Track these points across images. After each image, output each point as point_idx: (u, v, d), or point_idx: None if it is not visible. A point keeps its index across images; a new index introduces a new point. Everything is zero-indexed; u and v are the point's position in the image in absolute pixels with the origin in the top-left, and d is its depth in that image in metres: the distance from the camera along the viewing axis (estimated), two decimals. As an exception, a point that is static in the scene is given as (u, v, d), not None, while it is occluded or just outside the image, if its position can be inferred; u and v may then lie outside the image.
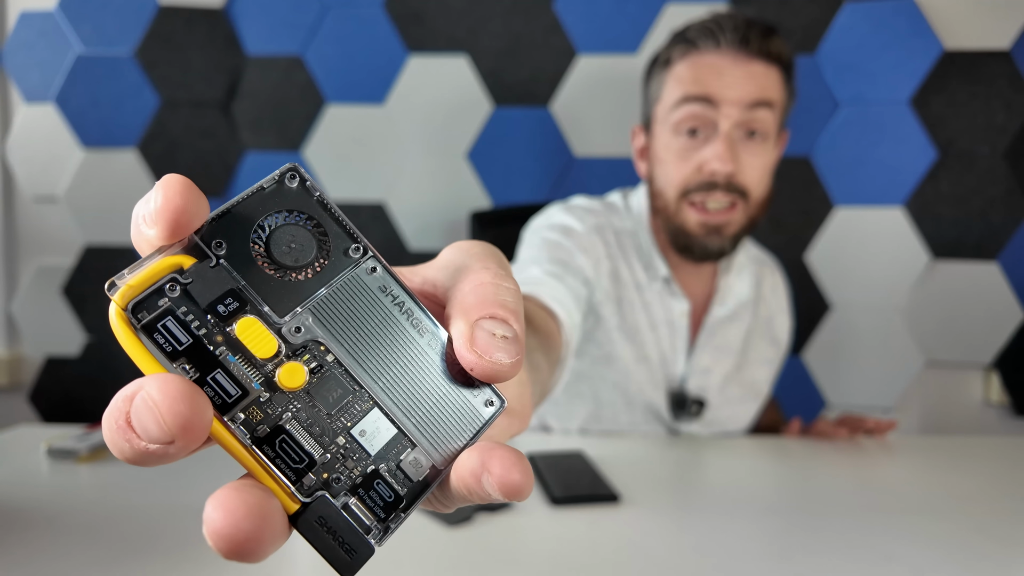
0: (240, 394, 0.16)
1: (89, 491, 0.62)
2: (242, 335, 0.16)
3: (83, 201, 1.36)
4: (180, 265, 0.16)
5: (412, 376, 0.18)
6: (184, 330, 0.16)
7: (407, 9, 1.34)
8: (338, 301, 0.18)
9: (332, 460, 0.17)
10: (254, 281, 0.17)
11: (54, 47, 1.34)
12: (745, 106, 0.78)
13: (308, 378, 0.17)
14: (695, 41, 0.81)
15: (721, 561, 0.50)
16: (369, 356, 0.18)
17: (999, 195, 1.30)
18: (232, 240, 0.17)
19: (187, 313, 0.16)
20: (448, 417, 0.19)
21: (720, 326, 0.91)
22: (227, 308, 0.16)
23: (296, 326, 0.17)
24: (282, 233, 0.18)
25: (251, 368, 0.16)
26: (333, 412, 0.17)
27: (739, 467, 0.73)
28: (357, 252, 0.19)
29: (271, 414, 0.16)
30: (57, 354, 1.39)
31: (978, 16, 1.29)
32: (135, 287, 0.16)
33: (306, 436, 0.17)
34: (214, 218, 0.17)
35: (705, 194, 0.80)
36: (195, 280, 0.16)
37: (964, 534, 0.56)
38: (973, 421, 1.36)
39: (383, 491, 0.17)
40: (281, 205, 0.18)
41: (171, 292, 0.16)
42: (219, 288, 0.17)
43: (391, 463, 0.18)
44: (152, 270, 0.16)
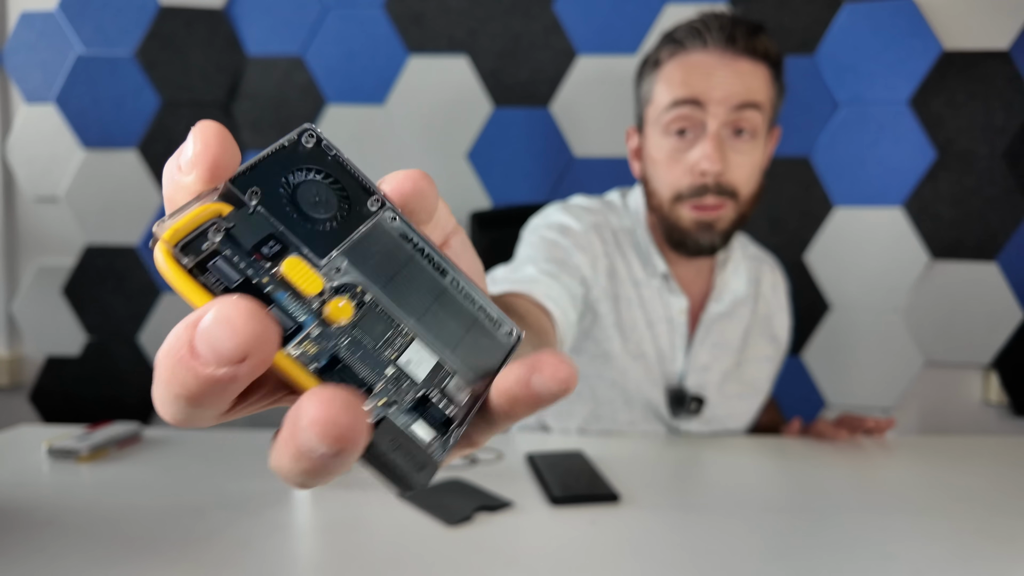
0: (295, 327, 0.17)
1: (90, 491, 0.63)
2: (289, 273, 0.17)
3: (84, 201, 1.36)
4: (219, 212, 0.17)
5: (440, 311, 0.20)
6: (234, 268, 0.16)
7: (407, 10, 1.34)
8: (367, 246, 0.19)
9: (385, 388, 0.18)
10: (291, 226, 0.18)
11: (55, 47, 1.34)
12: (732, 107, 0.80)
13: (356, 312, 0.18)
14: (683, 41, 0.82)
15: (721, 561, 0.50)
16: (401, 294, 0.19)
17: (998, 195, 1.30)
18: (264, 190, 0.18)
19: (234, 254, 0.16)
20: (477, 347, 0.20)
21: (717, 323, 0.92)
22: (271, 250, 0.17)
23: (335, 267, 0.18)
24: (306, 187, 0.19)
25: (301, 304, 0.17)
26: (379, 345, 0.18)
27: (739, 467, 0.73)
28: (376, 204, 0.20)
29: (325, 347, 0.17)
30: (58, 354, 1.39)
31: (977, 16, 1.29)
32: (180, 229, 0.16)
33: (360, 366, 0.17)
34: (244, 171, 0.18)
35: (697, 199, 0.82)
36: (237, 224, 0.17)
37: (963, 534, 0.56)
38: (972, 421, 1.36)
39: (435, 413, 0.18)
40: (300, 163, 0.19)
41: (215, 235, 0.16)
42: (261, 231, 0.17)
43: (437, 388, 0.19)
44: (194, 214, 0.16)
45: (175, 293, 1.36)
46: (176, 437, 0.81)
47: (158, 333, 1.38)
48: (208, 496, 0.62)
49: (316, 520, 0.57)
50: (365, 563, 0.49)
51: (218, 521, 0.56)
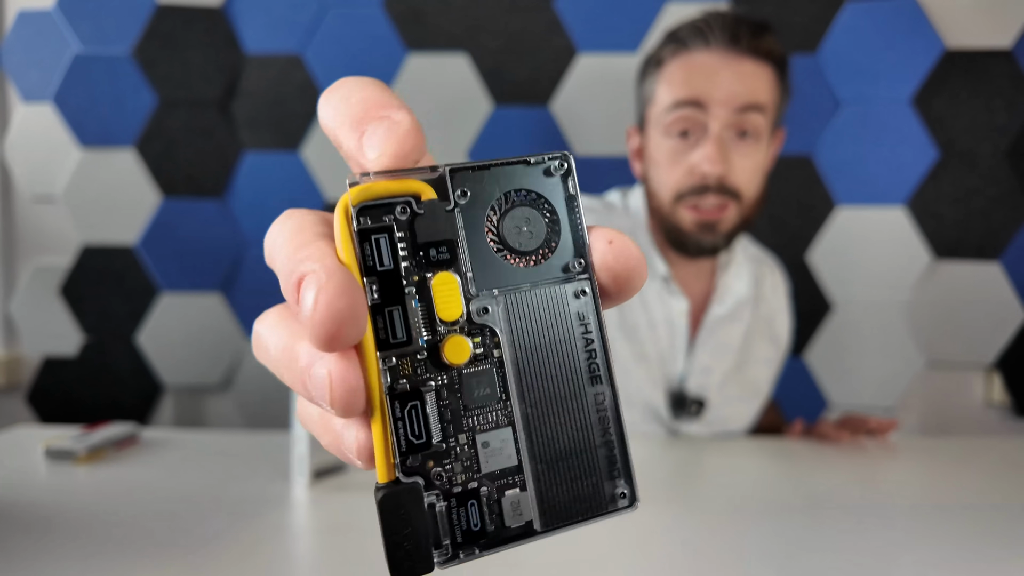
0: (404, 340, 0.16)
1: (87, 492, 0.62)
2: (436, 287, 0.16)
3: (81, 201, 1.36)
4: (421, 192, 0.16)
5: (561, 422, 0.17)
6: (391, 254, 0.16)
7: (406, 8, 1.33)
8: (533, 304, 0.17)
9: (444, 453, 0.16)
10: (473, 243, 0.17)
11: (52, 46, 1.34)
12: (734, 109, 0.78)
13: (469, 360, 0.16)
14: (685, 41, 0.81)
15: (722, 562, 0.50)
16: (532, 375, 0.17)
17: (1001, 195, 1.30)
18: (475, 196, 0.17)
19: (401, 239, 0.16)
20: (573, 484, 0.17)
21: (719, 325, 0.91)
22: (438, 255, 0.16)
23: (484, 306, 0.17)
24: (522, 212, 0.17)
25: (427, 322, 0.16)
26: (470, 408, 0.16)
27: (740, 468, 0.73)
28: (577, 267, 0.18)
29: (418, 375, 0.16)
30: (55, 354, 1.38)
31: (979, 15, 1.28)
32: (373, 191, 0.16)
33: (435, 416, 0.16)
34: (470, 167, 0.17)
35: (697, 198, 0.81)
36: (427, 213, 0.16)
37: (966, 535, 0.55)
38: (974, 422, 1.36)
39: (472, 516, 0.16)
40: (535, 187, 0.17)
41: (401, 213, 0.16)
42: (442, 232, 0.16)
43: (494, 491, 0.16)
44: (397, 184, 0.16)
45: (171, 293, 1.35)
46: (174, 438, 0.81)
47: (156, 333, 1.37)
48: (206, 497, 0.61)
49: (315, 522, 0.57)
50: (364, 565, 0.49)
51: (216, 523, 0.55)
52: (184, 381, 1.38)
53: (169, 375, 1.38)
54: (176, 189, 1.36)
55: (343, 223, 0.15)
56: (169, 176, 1.35)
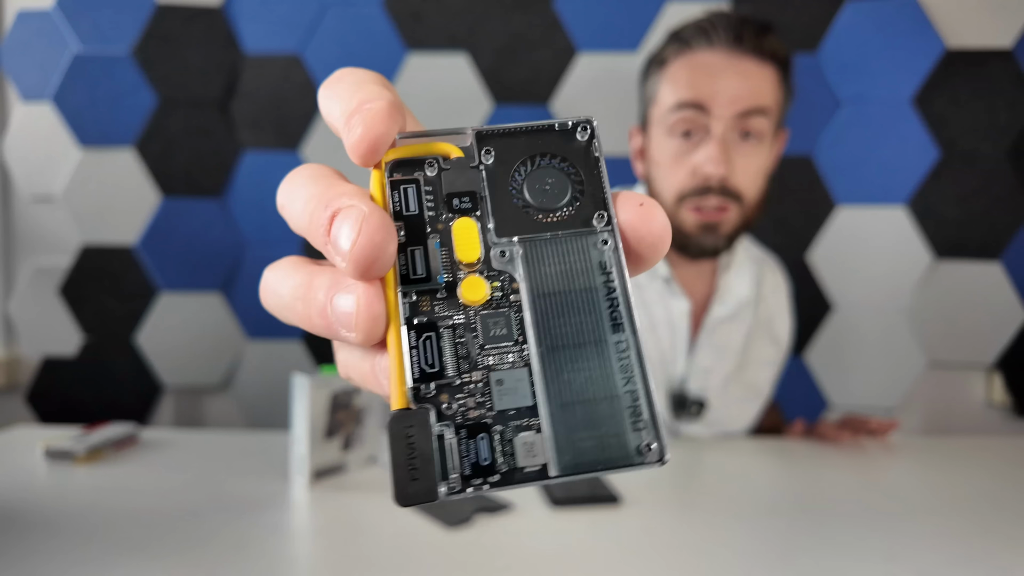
0: (424, 276, 0.17)
1: (87, 492, 0.62)
2: (456, 231, 0.17)
3: (80, 201, 1.36)
4: (449, 153, 0.18)
5: (579, 362, 0.16)
6: (417, 201, 0.17)
7: (406, 7, 1.33)
8: (554, 252, 0.17)
9: (458, 387, 0.16)
10: (496, 196, 0.18)
11: (51, 46, 1.33)
12: (737, 112, 0.78)
13: (486, 300, 0.17)
14: (689, 40, 0.81)
15: (722, 564, 0.50)
16: (550, 319, 0.17)
17: (1002, 195, 1.30)
18: (500, 156, 0.18)
19: (428, 191, 0.17)
20: (593, 432, 0.16)
21: (720, 326, 0.91)
22: (461, 203, 0.17)
23: (503, 250, 0.17)
24: (545, 172, 0.18)
25: (447, 264, 0.17)
26: (486, 346, 0.16)
27: (740, 469, 0.73)
28: (601, 220, 0.18)
29: (437, 312, 0.17)
30: (54, 354, 1.38)
31: (980, 15, 1.28)
32: (406, 151, 0.17)
33: (450, 349, 0.16)
34: (498, 131, 0.18)
35: (699, 199, 0.81)
36: (453, 169, 0.18)
37: (967, 535, 0.55)
38: (975, 422, 1.35)
39: (482, 449, 0.16)
40: (559, 150, 0.18)
41: (429, 169, 0.18)
42: (465, 185, 0.18)
43: (506, 429, 0.16)
44: (428, 146, 0.18)
45: (171, 293, 1.35)
46: (174, 438, 0.81)
47: (155, 333, 1.37)
48: (206, 497, 0.61)
49: (314, 522, 0.56)
50: (364, 565, 0.49)
51: (215, 523, 0.55)
52: (184, 381, 1.38)
53: (168, 375, 1.38)
54: (176, 189, 1.36)
55: (378, 176, 0.17)
56: (169, 176, 1.35)
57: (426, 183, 0.17)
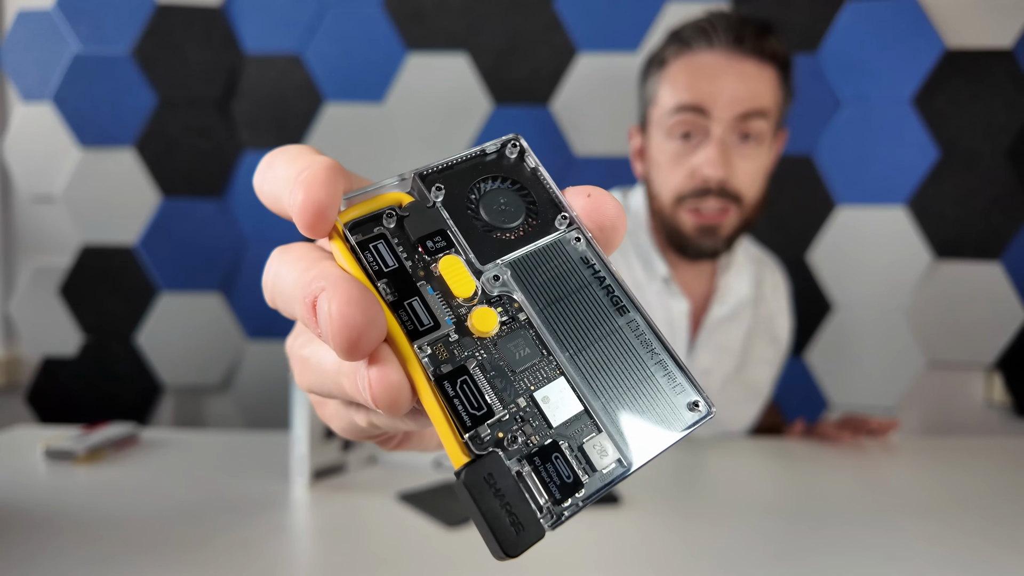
0: (432, 325, 0.16)
1: (86, 492, 0.62)
2: (444, 271, 0.17)
3: (80, 201, 1.36)
4: (400, 201, 0.17)
5: (605, 355, 0.17)
6: (392, 255, 0.17)
7: (406, 7, 1.33)
8: (538, 262, 0.18)
9: (510, 420, 0.16)
10: (463, 228, 0.18)
11: (51, 46, 1.33)
12: (737, 114, 0.78)
13: (499, 327, 0.17)
14: (689, 41, 0.80)
15: (722, 563, 0.50)
16: (561, 324, 0.17)
17: (1001, 195, 1.30)
18: (450, 190, 0.18)
19: (398, 242, 0.17)
20: (645, 411, 0.17)
21: (720, 326, 0.91)
22: (434, 244, 0.17)
23: (495, 275, 0.17)
24: (495, 194, 0.19)
25: (446, 305, 0.17)
26: (517, 371, 0.16)
27: (741, 469, 0.73)
28: (564, 222, 0.19)
29: (457, 355, 0.16)
30: (54, 354, 1.38)
31: (980, 15, 1.28)
32: (358, 210, 0.17)
33: (487, 386, 0.16)
34: (436, 168, 0.18)
35: (698, 200, 0.81)
36: (411, 214, 0.17)
37: (966, 535, 0.55)
38: (975, 422, 1.36)
39: (562, 469, 0.15)
40: (498, 172, 0.19)
41: (388, 221, 0.17)
42: (431, 226, 0.17)
43: (571, 441, 0.16)
44: (376, 200, 0.17)
45: (171, 293, 1.35)
46: (174, 438, 0.81)
47: (155, 333, 1.37)
48: (206, 498, 0.61)
49: (315, 522, 0.56)
50: (364, 565, 0.49)
51: (216, 523, 0.55)
52: (184, 381, 1.38)
53: (169, 375, 1.38)
54: (176, 189, 1.36)
55: (340, 244, 0.16)
56: (169, 176, 1.35)
57: (392, 235, 0.17)
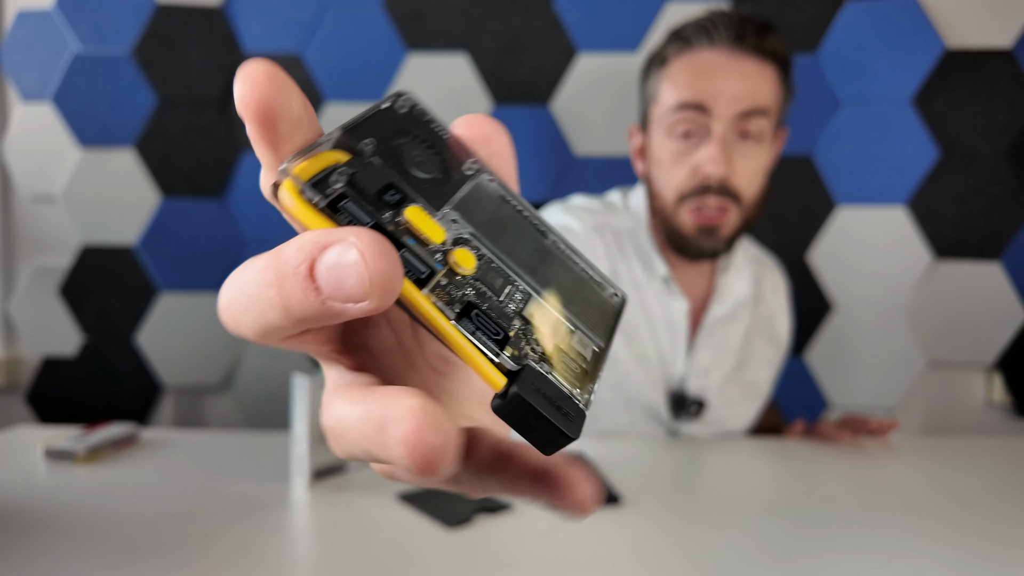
0: (428, 272, 0.16)
1: (87, 492, 0.62)
2: (413, 220, 0.17)
3: (80, 201, 1.36)
4: (337, 159, 0.17)
5: (549, 270, 0.20)
6: (363, 211, 0.16)
7: (406, 7, 1.33)
8: (474, 204, 0.19)
9: (517, 338, 0.17)
10: (406, 178, 0.18)
11: (51, 46, 1.33)
12: (738, 113, 0.78)
13: (477, 263, 0.18)
14: (690, 39, 0.81)
15: (723, 563, 0.50)
16: (510, 252, 0.19)
17: (1002, 194, 1.30)
18: (378, 144, 0.18)
19: (360, 197, 0.16)
20: (589, 306, 0.20)
21: (719, 325, 0.91)
22: (392, 197, 0.17)
23: (451, 219, 0.18)
24: (408, 148, 0.19)
25: (428, 251, 0.17)
26: (502, 298, 0.18)
27: (741, 469, 0.73)
28: (473, 167, 0.20)
29: (456, 295, 0.17)
30: (54, 354, 1.38)
31: (980, 14, 1.28)
32: (307, 169, 0.16)
33: (493, 314, 0.17)
34: (353, 124, 0.18)
35: (699, 199, 0.81)
36: (359, 171, 0.17)
37: (967, 535, 0.55)
38: (975, 422, 1.36)
39: (570, 363, 0.18)
40: (400, 124, 0.19)
41: (338, 180, 0.16)
42: (381, 179, 0.17)
43: (562, 343, 0.18)
44: (318, 158, 0.16)
45: (171, 293, 1.34)
46: (174, 438, 0.81)
47: (155, 333, 1.37)
48: (206, 498, 0.61)
49: (315, 522, 0.56)
50: (364, 565, 0.49)
51: (216, 523, 0.55)
52: (184, 381, 1.38)
53: (169, 375, 1.38)
54: (176, 189, 1.36)
55: (305, 208, 0.15)
56: (169, 176, 1.35)
57: (350, 191, 0.16)
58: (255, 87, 0.15)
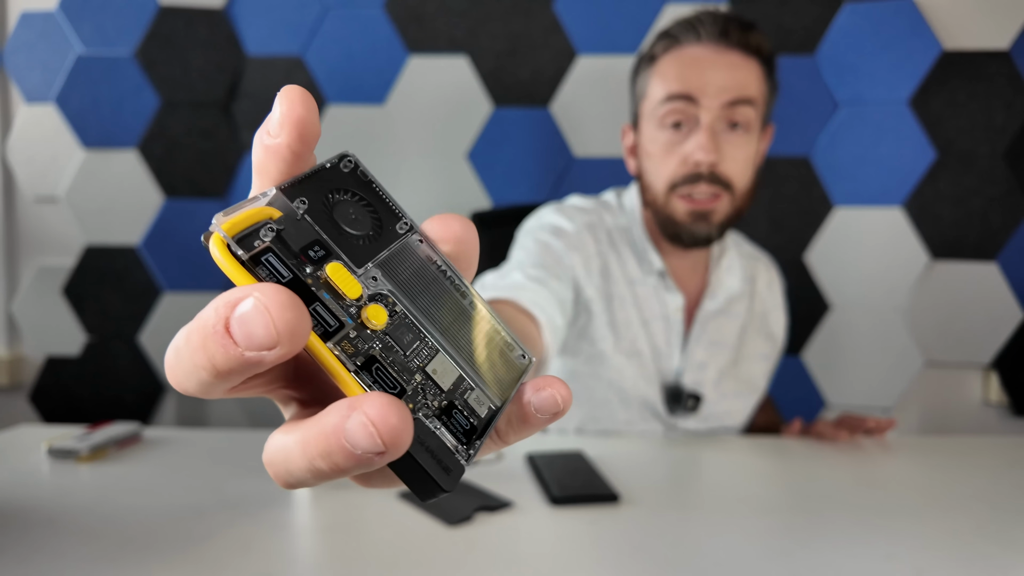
0: (338, 325, 0.18)
1: (89, 491, 0.63)
2: (333, 276, 0.18)
3: (83, 201, 1.36)
4: (270, 215, 0.18)
5: (461, 329, 0.21)
6: (284, 266, 0.17)
7: (407, 10, 1.34)
8: (398, 263, 0.21)
9: (414, 393, 0.19)
10: (332, 236, 0.19)
11: (55, 47, 1.34)
12: (725, 102, 0.81)
13: (389, 320, 0.19)
14: (677, 36, 0.84)
15: (721, 561, 0.50)
16: (427, 309, 0.20)
17: (998, 195, 1.30)
18: (311, 202, 0.19)
19: (283, 253, 0.18)
20: (494, 365, 0.21)
21: (713, 320, 0.92)
22: (316, 254, 0.18)
23: (371, 276, 0.19)
24: (344, 206, 0.20)
25: (342, 306, 0.18)
26: (408, 353, 0.19)
27: (739, 467, 0.73)
28: (405, 227, 0.22)
29: (361, 348, 0.18)
30: (57, 354, 1.39)
31: (977, 16, 1.29)
32: (237, 224, 0.17)
33: (393, 370, 0.18)
34: (291, 183, 0.19)
35: (690, 186, 0.83)
36: (287, 227, 0.18)
37: (963, 534, 0.56)
38: (972, 421, 1.36)
39: (460, 420, 0.19)
40: (340, 183, 0.21)
41: (267, 234, 0.18)
42: (307, 236, 0.18)
43: (460, 399, 0.20)
44: (250, 213, 0.17)
45: (173, 293, 1.35)
46: (176, 437, 0.81)
47: (158, 333, 1.38)
48: (208, 496, 0.62)
49: (316, 520, 0.57)
50: (365, 563, 0.49)
51: (218, 521, 0.56)
52: (186, 381, 1.39)
53: (171, 375, 1.39)
54: (178, 190, 1.36)
55: (230, 261, 0.17)
56: (171, 177, 1.36)
57: (276, 247, 0.17)
58: (298, 105, 0.18)
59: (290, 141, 0.19)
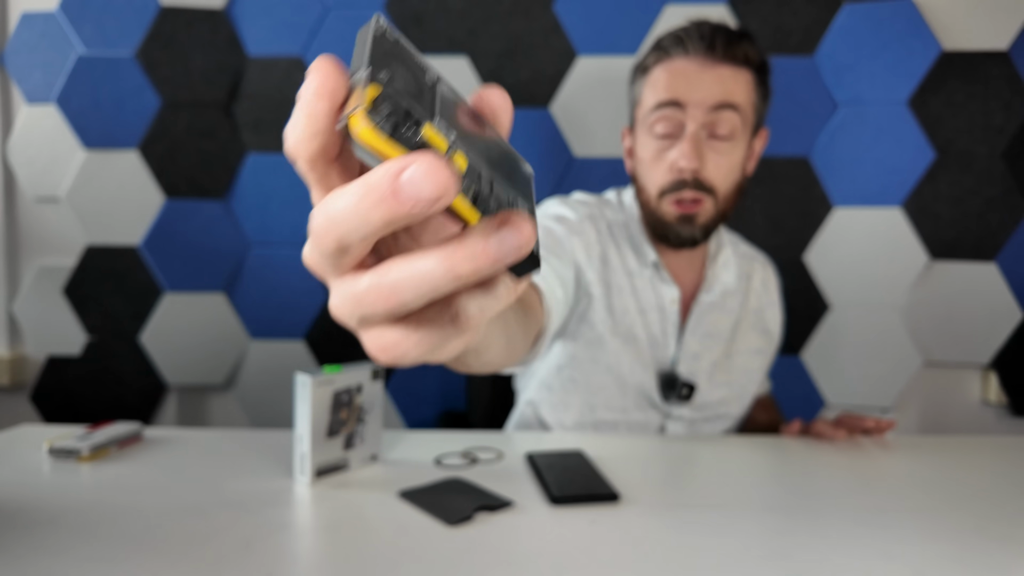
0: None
1: (90, 491, 0.63)
2: (428, 136, 0.21)
3: (84, 202, 1.37)
4: (376, 93, 0.20)
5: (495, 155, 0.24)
6: (411, 131, 0.20)
7: (407, 10, 1.34)
8: (445, 110, 0.23)
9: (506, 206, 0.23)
10: (417, 100, 0.21)
11: (56, 48, 1.34)
12: (708, 108, 0.85)
13: (468, 162, 0.22)
14: (667, 49, 0.88)
15: (721, 560, 0.51)
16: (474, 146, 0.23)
17: (997, 195, 1.31)
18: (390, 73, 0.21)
19: (407, 122, 0.20)
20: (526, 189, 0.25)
21: (708, 313, 0.95)
22: (415, 118, 0.21)
23: (442, 128, 0.22)
24: (401, 69, 0.22)
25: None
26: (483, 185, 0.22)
27: (739, 466, 0.74)
28: (434, 79, 0.24)
29: (468, 187, 0.21)
30: (59, 354, 1.39)
31: (976, 17, 1.29)
32: (367, 103, 0.20)
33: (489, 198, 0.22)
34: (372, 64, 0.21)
35: (677, 193, 0.88)
36: (395, 99, 0.20)
37: (962, 533, 0.56)
38: (971, 421, 1.36)
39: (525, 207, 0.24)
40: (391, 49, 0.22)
41: (387, 110, 0.20)
42: (405, 104, 0.21)
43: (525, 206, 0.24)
44: (370, 92, 0.20)
45: (174, 293, 1.34)
46: (177, 437, 0.81)
47: (159, 333, 1.38)
48: (209, 496, 0.62)
49: (316, 519, 0.57)
50: (365, 563, 0.50)
51: (219, 521, 0.56)
52: (187, 380, 1.39)
53: (172, 375, 1.39)
54: (179, 190, 1.37)
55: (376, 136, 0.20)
56: (172, 177, 1.36)
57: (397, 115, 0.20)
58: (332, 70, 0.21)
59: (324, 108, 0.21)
